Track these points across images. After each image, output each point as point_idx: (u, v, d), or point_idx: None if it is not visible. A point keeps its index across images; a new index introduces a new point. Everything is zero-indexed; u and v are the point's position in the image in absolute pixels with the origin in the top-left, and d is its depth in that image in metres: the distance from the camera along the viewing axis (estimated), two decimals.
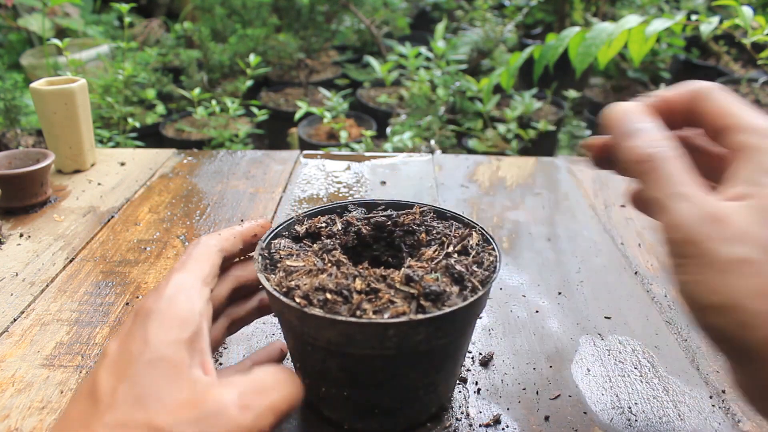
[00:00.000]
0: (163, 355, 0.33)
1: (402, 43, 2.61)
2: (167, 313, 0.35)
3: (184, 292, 0.37)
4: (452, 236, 0.49)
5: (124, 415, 0.31)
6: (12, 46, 3.00)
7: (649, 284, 0.68)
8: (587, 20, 2.89)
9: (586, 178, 0.96)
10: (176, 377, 0.33)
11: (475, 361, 0.55)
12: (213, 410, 0.32)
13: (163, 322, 0.34)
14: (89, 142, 0.97)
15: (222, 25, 2.79)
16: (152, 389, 0.32)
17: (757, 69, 2.53)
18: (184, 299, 0.36)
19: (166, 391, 0.32)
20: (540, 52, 1.31)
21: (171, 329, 0.34)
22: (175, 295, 0.36)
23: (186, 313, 0.35)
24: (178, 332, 0.34)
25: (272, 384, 0.36)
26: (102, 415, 0.31)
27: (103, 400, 0.32)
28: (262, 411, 0.34)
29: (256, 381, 0.36)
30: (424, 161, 1.02)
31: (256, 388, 0.35)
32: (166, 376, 0.33)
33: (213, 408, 0.32)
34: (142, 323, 0.35)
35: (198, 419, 0.32)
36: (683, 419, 0.49)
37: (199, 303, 0.37)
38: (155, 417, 0.31)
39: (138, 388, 0.32)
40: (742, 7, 1.17)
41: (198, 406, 0.32)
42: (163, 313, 0.35)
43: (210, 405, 0.32)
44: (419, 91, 2.12)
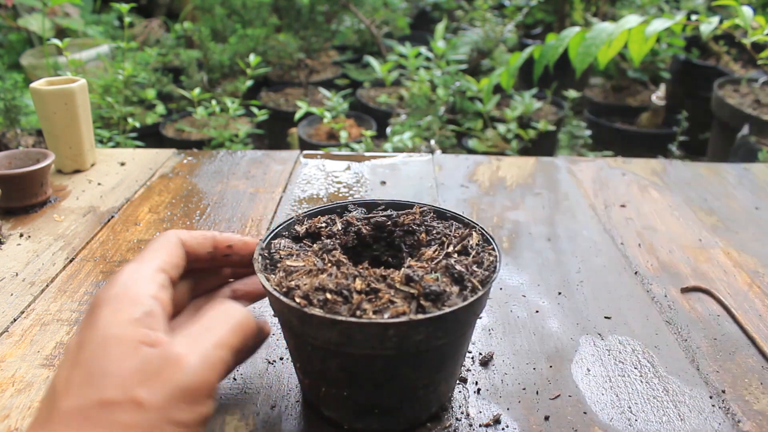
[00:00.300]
0: (112, 334, 0.33)
1: (402, 43, 2.61)
2: (117, 298, 0.36)
3: (134, 278, 0.37)
4: (452, 236, 0.49)
5: (77, 399, 0.31)
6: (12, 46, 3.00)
7: (649, 284, 0.68)
8: (587, 20, 2.89)
9: (586, 178, 0.97)
10: (125, 351, 0.33)
11: (475, 361, 0.55)
12: (161, 366, 0.32)
13: (112, 307, 0.35)
14: (89, 142, 0.97)
15: (222, 25, 2.79)
16: (102, 367, 0.32)
17: (757, 69, 2.53)
18: (134, 284, 0.37)
19: (114, 366, 0.32)
20: (540, 52, 1.31)
21: (120, 311, 0.35)
22: (126, 282, 0.37)
23: (136, 296, 0.36)
24: (128, 313, 0.35)
25: (217, 320, 0.36)
26: (59, 405, 0.32)
27: (60, 390, 0.32)
28: (208, 349, 0.34)
29: (202, 322, 0.36)
30: (424, 161, 1.02)
31: (201, 329, 0.35)
32: (115, 353, 0.33)
33: (161, 364, 0.33)
34: (94, 312, 0.35)
35: (147, 379, 0.32)
36: (683, 419, 0.49)
37: (150, 287, 0.37)
38: (106, 391, 0.31)
39: (88, 369, 0.32)
40: (742, 7, 1.17)
41: (146, 370, 0.32)
42: (114, 298, 0.36)
43: (157, 362, 0.33)
44: (419, 91, 2.12)
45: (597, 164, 1.02)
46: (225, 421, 0.48)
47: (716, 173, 1.00)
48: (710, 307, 0.65)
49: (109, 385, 0.32)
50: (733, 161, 1.72)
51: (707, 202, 0.90)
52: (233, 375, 0.53)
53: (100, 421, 0.31)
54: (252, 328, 0.38)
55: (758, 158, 1.73)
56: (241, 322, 0.37)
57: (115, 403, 0.31)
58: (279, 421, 0.48)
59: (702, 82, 2.61)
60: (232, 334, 0.36)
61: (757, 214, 0.86)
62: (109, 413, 0.31)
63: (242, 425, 0.47)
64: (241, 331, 0.37)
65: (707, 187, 0.95)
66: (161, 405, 0.31)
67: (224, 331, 0.36)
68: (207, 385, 0.33)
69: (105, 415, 0.31)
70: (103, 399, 0.31)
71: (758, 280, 0.70)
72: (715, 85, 2.33)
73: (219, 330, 0.36)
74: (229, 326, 0.36)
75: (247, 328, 0.37)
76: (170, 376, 0.32)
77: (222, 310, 0.37)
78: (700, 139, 2.66)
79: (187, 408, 0.32)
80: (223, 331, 0.36)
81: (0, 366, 0.53)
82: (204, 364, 0.33)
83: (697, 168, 1.02)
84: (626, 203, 0.88)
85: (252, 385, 0.52)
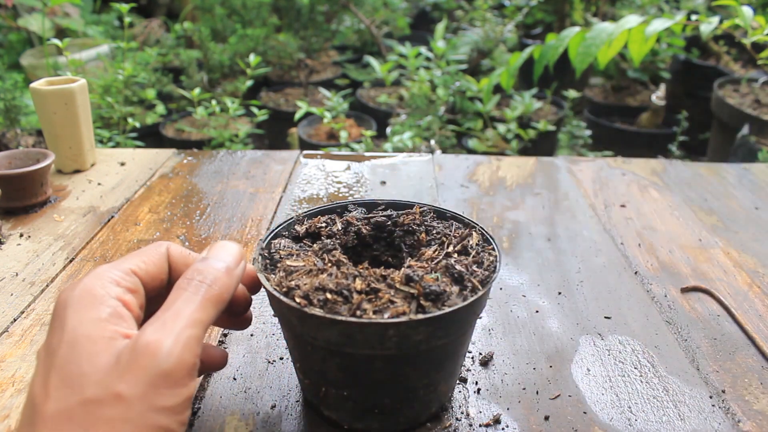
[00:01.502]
0: (82, 334, 0.33)
1: (402, 43, 2.61)
2: (81, 300, 0.35)
3: (100, 279, 0.36)
4: (452, 236, 0.49)
5: (58, 402, 0.31)
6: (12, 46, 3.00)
7: (649, 284, 0.68)
8: (587, 20, 2.89)
9: (586, 178, 0.97)
10: (97, 348, 0.33)
11: (475, 361, 0.55)
12: (135, 356, 0.32)
13: (77, 308, 0.35)
14: (89, 142, 0.97)
15: (222, 25, 2.79)
16: (77, 367, 0.32)
17: (757, 69, 2.53)
18: (98, 286, 0.36)
19: (90, 364, 0.32)
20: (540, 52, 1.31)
21: (86, 311, 0.34)
22: (89, 283, 0.36)
23: (100, 297, 0.35)
24: (94, 313, 0.34)
25: (184, 301, 0.36)
26: (41, 410, 0.32)
27: (38, 396, 0.32)
28: (180, 330, 0.34)
29: (168, 307, 0.35)
30: (424, 161, 1.02)
31: (169, 314, 0.35)
32: (87, 351, 0.33)
33: (135, 354, 0.32)
34: (59, 315, 0.35)
35: (124, 372, 0.32)
36: (683, 419, 0.49)
37: (115, 289, 0.36)
38: (86, 391, 0.31)
39: (64, 371, 0.32)
40: (742, 7, 1.17)
41: (122, 363, 0.32)
42: (77, 300, 0.35)
43: (131, 353, 0.32)
44: (419, 91, 2.12)
45: (597, 164, 1.02)
46: (225, 421, 0.48)
47: (716, 173, 1.00)
48: (710, 307, 0.65)
49: (88, 384, 0.32)
50: (733, 161, 1.72)
51: (707, 202, 0.89)
52: (233, 375, 0.53)
53: (86, 420, 0.31)
54: (224, 297, 0.37)
55: (758, 158, 1.73)
56: (208, 296, 0.36)
57: (97, 401, 0.31)
58: (279, 421, 0.48)
59: (702, 82, 2.61)
60: (201, 309, 0.35)
61: (757, 214, 0.86)
62: (92, 411, 0.31)
63: (242, 425, 0.47)
64: (211, 303, 0.36)
65: (707, 187, 0.95)
66: (142, 394, 0.31)
67: (192, 310, 0.35)
68: (185, 366, 0.33)
69: (89, 414, 0.31)
70: (85, 398, 0.31)
71: (758, 280, 0.70)
72: (715, 85, 2.33)
73: (187, 310, 0.35)
74: (197, 304, 0.36)
75: (218, 299, 0.37)
76: (146, 364, 0.32)
77: (188, 290, 0.36)
78: (700, 139, 2.66)
79: (168, 392, 0.32)
80: (190, 310, 0.35)
81: (0, 366, 0.53)
82: (178, 346, 0.33)
83: (697, 168, 1.02)
84: (626, 203, 0.88)
85: (252, 385, 0.52)
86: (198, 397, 0.50)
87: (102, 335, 0.33)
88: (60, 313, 0.35)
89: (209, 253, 0.40)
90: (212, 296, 0.37)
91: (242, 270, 0.40)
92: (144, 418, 0.32)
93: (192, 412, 0.48)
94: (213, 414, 0.49)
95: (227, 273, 0.38)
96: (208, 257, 0.39)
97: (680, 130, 2.28)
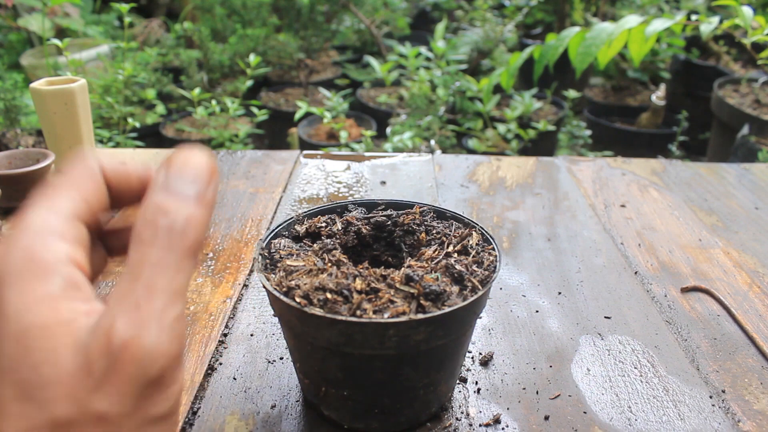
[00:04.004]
0: (30, 323, 0.24)
1: (402, 43, 2.61)
2: (21, 272, 0.25)
3: (39, 237, 0.26)
4: (452, 236, 0.49)
5: (19, 422, 0.23)
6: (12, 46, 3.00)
7: (649, 284, 0.68)
8: (587, 20, 2.89)
9: (586, 178, 0.97)
10: (56, 344, 0.24)
11: (475, 360, 0.55)
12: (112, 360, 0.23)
13: (18, 285, 0.25)
14: (89, 142, 0.97)
15: (222, 25, 2.79)
16: (35, 374, 0.23)
17: (757, 69, 2.53)
18: (40, 246, 0.26)
19: (51, 369, 0.23)
20: (540, 52, 1.31)
21: (31, 286, 0.25)
22: (28, 246, 0.26)
23: (46, 264, 0.25)
24: (41, 289, 0.25)
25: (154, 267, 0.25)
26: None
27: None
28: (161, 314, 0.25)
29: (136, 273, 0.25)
30: (424, 161, 1.02)
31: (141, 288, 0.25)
32: (43, 349, 0.24)
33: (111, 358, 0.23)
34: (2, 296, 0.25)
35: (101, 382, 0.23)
36: (683, 419, 0.49)
37: (61, 247, 0.26)
38: (54, 408, 0.23)
39: (18, 379, 0.24)
40: (742, 7, 1.17)
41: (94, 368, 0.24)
42: (17, 273, 0.25)
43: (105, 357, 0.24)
44: (419, 91, 2.12)
45: (597, 164, 1.02)
46: (225, 420, 0.48)
47: (716, 173, 1.00)
48: (710, 307, 0.65)
49: (55, 399, 0.23)
50: (733, 161, 1.72)
51: (707, 202, 0.90)
52: (233, 375, 0.53)
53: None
54: (201, 243, 0.27)
55: (758, 158, 1.73)
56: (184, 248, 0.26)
57: (73, 423, 0.23)
58: (279, 421, 0.48)
59: (702, 82, 2.61)
60: (179, 272, 0.25)
61: (757, 214, 0.86)
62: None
63: (242, 425, 0.47)
64: (188, 257, 0.26)
65: (707, 187, 0.95)
66: (131, 410, 0.24)
67: (169, 277, 0.25)
68: (174, 359, 0.25)
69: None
70: (55, 418, 0.23)
71: (758, 280, 0.70)
72: (715, 85, 2.33)
73: (162, 278, 0.25)
74: (172, 265, 0.25)
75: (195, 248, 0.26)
76: (129, 370, 0.23)
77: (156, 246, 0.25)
78: (700, 139, 2.66)
79: (161, 398, 0.25)
80: (167, 278, 0.25)
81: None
82: (163, 339, 0.24)
83: (697, 168, 1.02)
84: (626, 203, 0.88)
85: (252, 384, 0.52)
86: (198, 396, 0.50)
87: (58, 320, 0.24)
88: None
89: (168, 172, 0.28)
90: (188, 247, 0.26)
91: (215, 192, 0.29)
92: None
93: (192, 411, 0.49)
94: (213, 414, 0.49)
95: (200, 203, 0.27)
96: (169, 182, 0.27)
97: (680, 130, 2.28)
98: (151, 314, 0.24)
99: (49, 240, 0.26)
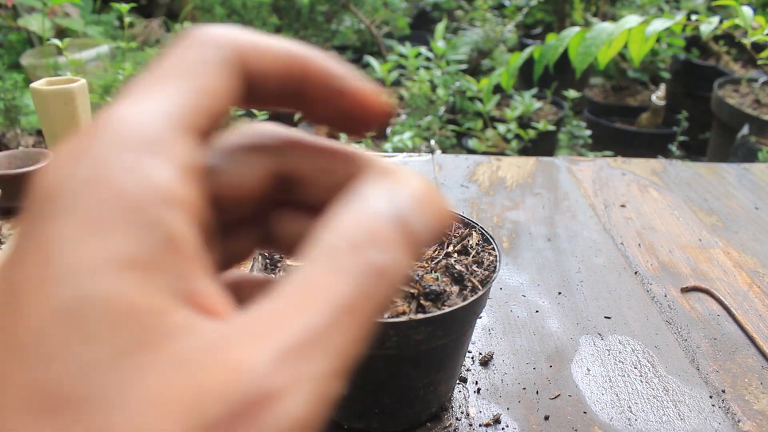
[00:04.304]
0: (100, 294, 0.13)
1: (402, 43, 2.61)
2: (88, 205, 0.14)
3: (126, 151, 0.14)
4: (452, 236, 0.49)
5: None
6: (12, 46, 3.00)
7: (649, 284, 0.68)
8: (587, 20, 2.89)
9: (586, 178, 0.97)
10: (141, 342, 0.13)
11: (475, 360, 0.55)
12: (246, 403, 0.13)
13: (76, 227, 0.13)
14: None
15: None
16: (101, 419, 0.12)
17: (757, 69, 2.53)
18: (129, 167, 0.14)
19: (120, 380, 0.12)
20: (540, 52, 1.31)
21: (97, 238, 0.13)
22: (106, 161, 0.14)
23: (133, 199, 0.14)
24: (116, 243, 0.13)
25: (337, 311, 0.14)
26: None
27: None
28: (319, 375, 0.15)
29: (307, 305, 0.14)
30: (424, 161, 1.02)
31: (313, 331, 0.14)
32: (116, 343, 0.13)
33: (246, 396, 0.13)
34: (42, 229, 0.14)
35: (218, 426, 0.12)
36: (683, 419, 0.49)
37: (162, 171, 0.14)
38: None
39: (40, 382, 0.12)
40: (742, 7, 1.17)
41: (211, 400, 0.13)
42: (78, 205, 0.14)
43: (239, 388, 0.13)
44: (419, 91, 2.12)
45: (597, 164, 1.02)
46: None
47: (716, 173, 1.00)
48: (710, 307, 0.65)
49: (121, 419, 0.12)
50: (733, 161, 1.72)
51: (707, 202, 0.90)
52: None
53: None
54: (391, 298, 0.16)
55: (758, 158, 1.73)
56: (381, 298, 0.15)
57: None
58: None
59: (702, 82, 2.61)
60: (361, 326, 0.15)
61: (757, 214, 0.86)
62: None
63: None
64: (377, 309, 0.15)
65: (707, 187, 0.95)
66: None
67: (352, 335, 0.15)
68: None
69: None
70: None
71: (758, 280, 0.70)
72: (715, 85, 2.33)
73: (342, 334, 0.15)
74: (361, 318, 0.15)
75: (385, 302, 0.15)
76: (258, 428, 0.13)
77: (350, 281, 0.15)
78: (700, 139, 2.66)
79: None
80: (349, 334, 0.15)
81: None
82: (311, 404, 0.14)
83: (697, 168, 1.02)
84: (626, 203, 0.88)
85: None
86: None
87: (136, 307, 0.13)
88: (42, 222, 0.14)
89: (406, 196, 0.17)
90: (385, 297, 0.15)
91: None
92: None
93: None
94: None
95: (415, 251, 0.16)
96: (405, 213, 0.16)
97: (680, 130, 2.28)
98: (311, 372, 0.14)
99: (142, 157, 0.14)
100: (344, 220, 0.16)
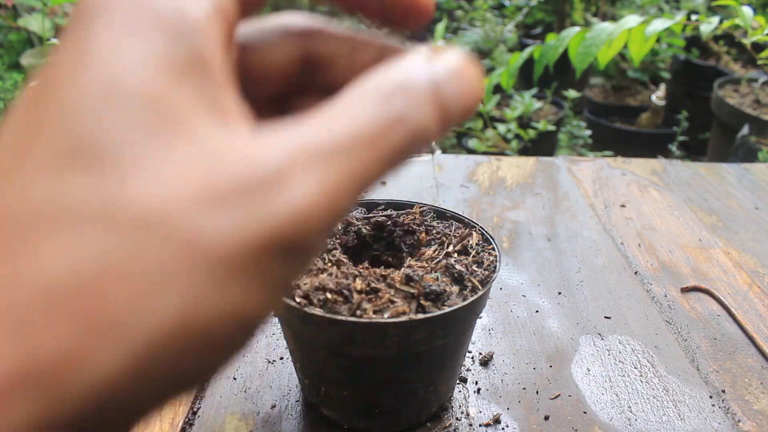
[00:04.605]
0: (135, 82, 0.14)
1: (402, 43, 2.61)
2: (133, 16, 0.15)
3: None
4: (452, 236, 0.49)
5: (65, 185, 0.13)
6: (12, 46, 3.00)
7: (649, 284, 0.68)
8: (587, 20, 2.89)
9: (586, 178, 0.97)
10: (168, 126, 0.14)
11: (475, 360, 0.55)
12: (256, 181, 0.14)
13: (123, 30, 0.14)
14: None
15: None
16: (124, 139, 0.13)
17: (757, 69, 2.53)
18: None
19: (154, 147, 0.14)
20: (540, 52, 1.31)
21: (143, 42, 0.14)
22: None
23: (174, 21, 0.15)
24: (162, 49, 0.14)
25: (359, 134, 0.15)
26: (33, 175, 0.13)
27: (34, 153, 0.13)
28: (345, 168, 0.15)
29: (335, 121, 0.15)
30: (424, 161, 1.02)
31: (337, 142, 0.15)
32: (146, 120, 0.14)
33: (257, 176, 0.14)
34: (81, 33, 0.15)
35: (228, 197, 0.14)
36: (683, 419, 0.49)
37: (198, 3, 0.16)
38: (142, 192, 0.13)
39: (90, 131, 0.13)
40: (742, 7, 1.17)
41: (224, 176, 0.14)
42: (124, 15, 0.15)
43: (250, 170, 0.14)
44: None
45: (597, 164, 1.02)
46: (225, 420, 0.48)
47: (716, 173, 1.00)
48: (710, 307, 0.65)
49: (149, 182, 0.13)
50: (733, 161, 1.72)
51: (707, 202, 0.90)
52: (233, 375, 0.53)
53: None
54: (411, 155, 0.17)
55: (758, 158, 1.73)
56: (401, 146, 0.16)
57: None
58: (279, 421, 0.48)
59: (702, 82, 2.61)
60: (379, 164, 0.16)
61: (757, 214, 0.86)
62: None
63: (242, 425, 0.47)
64: (396, 158, 0.16)
65: (707, 187, 0.95)
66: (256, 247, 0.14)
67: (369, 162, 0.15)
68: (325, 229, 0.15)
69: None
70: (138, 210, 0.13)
71: (758, 280, 0.70)
72: (715, 85, 2.33)
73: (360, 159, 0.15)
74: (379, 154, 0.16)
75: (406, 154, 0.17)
76: (262, 204, 0.14)
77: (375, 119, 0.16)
78: (700, 139, 2.66)
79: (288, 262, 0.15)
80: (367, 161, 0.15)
81: None
82: (319, 196, 0.15)
83: (697, 168, 1.02)
84: (626, 203, 0.88)
85: (252, 384, 0.52)
86: (198, 396, 0.50)
87: (177, 102, 0.14)
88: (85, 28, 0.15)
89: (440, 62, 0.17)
90: (403, 147, 0.16)
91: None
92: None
93: (192, 412, 0.49)
94: (213, 414, 0.49)
95: (443, 128, 0.17)
96: (438, 75, 0.17)
97: (680, 130, 2.28)
98: (321, 171, 0.15)
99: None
100: (379, 74, 0.17)
